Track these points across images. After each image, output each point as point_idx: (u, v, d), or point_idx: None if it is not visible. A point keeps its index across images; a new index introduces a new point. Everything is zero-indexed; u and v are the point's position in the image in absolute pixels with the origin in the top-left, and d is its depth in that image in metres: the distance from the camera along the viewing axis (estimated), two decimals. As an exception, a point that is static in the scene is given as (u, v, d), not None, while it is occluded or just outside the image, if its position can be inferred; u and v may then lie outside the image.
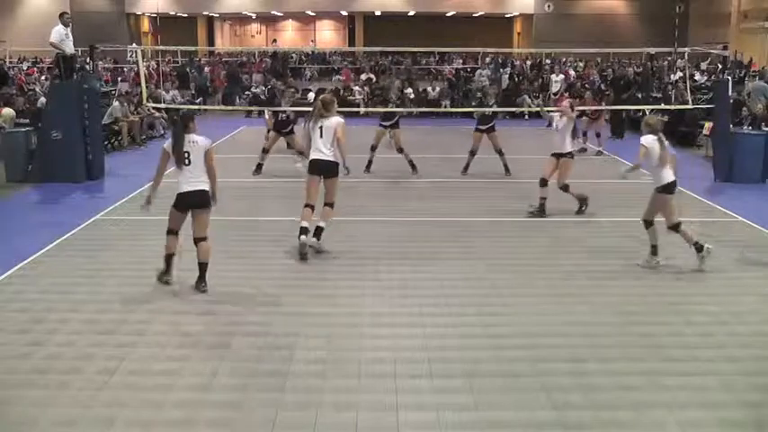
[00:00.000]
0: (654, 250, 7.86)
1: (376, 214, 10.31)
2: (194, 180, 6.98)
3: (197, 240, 7.04)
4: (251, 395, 5.10)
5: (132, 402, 4.98)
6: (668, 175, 7.72)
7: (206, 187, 7.01)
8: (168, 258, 7.13)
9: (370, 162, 13.09)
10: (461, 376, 5.38)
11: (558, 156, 9.98)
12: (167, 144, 7.11)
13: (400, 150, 12.99)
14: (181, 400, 5.03)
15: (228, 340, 6.00)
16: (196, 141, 7.06)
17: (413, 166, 12.96)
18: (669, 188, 7.73)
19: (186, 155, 6.95)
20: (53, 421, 4.77)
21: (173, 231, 7.13)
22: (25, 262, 7.96)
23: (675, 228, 7.80)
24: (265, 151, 13.31)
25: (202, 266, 7.06)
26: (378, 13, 40.02)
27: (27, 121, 14.03)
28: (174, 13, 39.27)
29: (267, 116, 14.32)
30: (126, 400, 5.01)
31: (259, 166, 13.21)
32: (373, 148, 13.08)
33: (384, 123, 13.08)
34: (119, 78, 24.85)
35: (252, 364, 5.58)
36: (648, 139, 7.71)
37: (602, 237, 9.21)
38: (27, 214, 10.41)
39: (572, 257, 8.30)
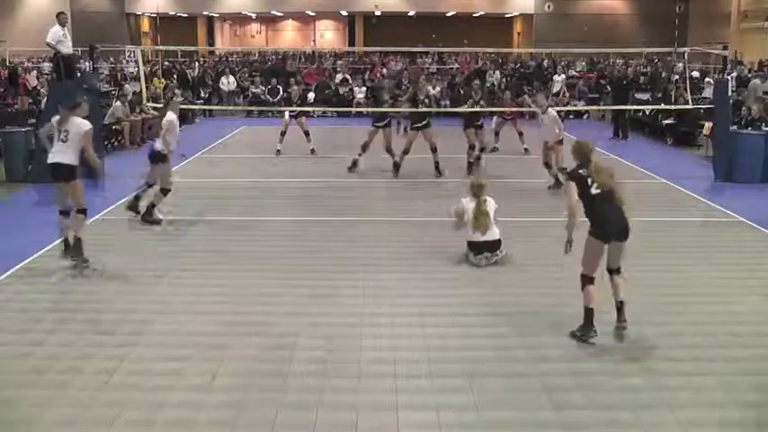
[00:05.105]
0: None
1: (376, 214, 10.31)
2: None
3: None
4: (251, 395, 5.10)
5: (132, 402, 4.98)
6: None
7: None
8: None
9: (355, 162, 13.22)
10: (461, 376, 5.38)
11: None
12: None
13: (389, 150, 13.06)
14: (181, 400, 5.03)
15: (228, 340, 6.00)
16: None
17: (396, 168, 12.94)
18: None
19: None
20: (53, 421, 4.77)
21: None
22: (25, 262, 7.97)
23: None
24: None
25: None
26: (378, 12, 40.03)
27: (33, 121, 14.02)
28: (174, 13, 39.28)
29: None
30: (126, 400, 5.01)
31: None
32: (364, 148, 13.15)
33: (377, 124, 13.14)
34: (120, 80, 24.84)
35: (252, 364, 5.58)
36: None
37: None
38: (27, 214, 10.40)
39: (572, 257, 8.28)
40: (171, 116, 9.81)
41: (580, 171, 5.89)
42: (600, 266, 6.01)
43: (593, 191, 5.82)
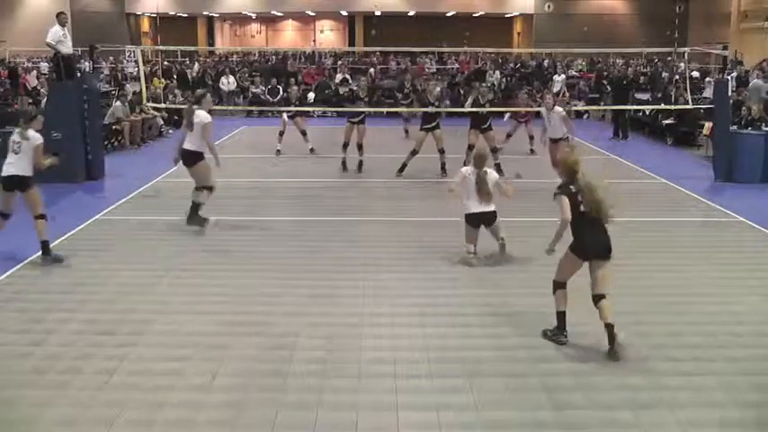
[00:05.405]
0: None
1: (376, 214, 10.32)
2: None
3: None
4: (251, 395, 5.10)
5: (132, 402, 4.98)
6: None
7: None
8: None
9: (344, 162, 13.40)
10: (461, 376, 5.38)
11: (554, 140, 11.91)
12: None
13: (360, 147, 13.25)
14: (181, 400, 5.03)
15: (228, 340, 6.00)
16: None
17: (359, 166, 13.26)
18: None
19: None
20: (53, 421, 4.77)
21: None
22: (25, 262, 7.97)
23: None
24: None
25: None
26: (378, 12, 40.02)
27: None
28: (174, 13, 39.28)
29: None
30: (126, 400, 5.01)
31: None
32: (345, 147, 13.32)
33: (352, 120, 13.39)
34: (120, 80, 24.86)
35: (252, 364, 5.58)
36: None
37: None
38: (27, 214, 10.38)
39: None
40: (209, 117, 9.19)
41: (571, 187, 5.87)
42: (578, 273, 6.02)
43: (583, 208, 5.83)
